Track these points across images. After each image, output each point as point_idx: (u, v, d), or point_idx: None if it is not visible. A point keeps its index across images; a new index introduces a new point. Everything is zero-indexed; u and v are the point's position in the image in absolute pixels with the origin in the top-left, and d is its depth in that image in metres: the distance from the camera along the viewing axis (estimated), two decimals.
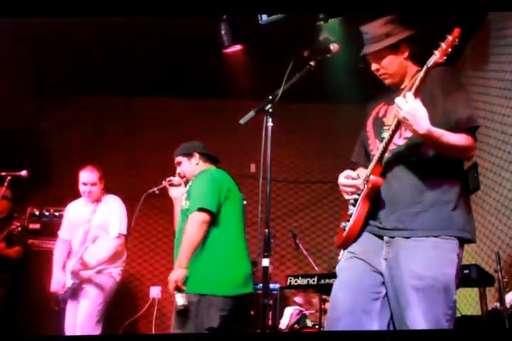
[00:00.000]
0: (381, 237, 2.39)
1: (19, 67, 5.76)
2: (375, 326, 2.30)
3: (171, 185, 3.96)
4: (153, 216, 7.01)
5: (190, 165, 3.85)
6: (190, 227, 3.36)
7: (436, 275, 2.22)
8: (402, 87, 2.53)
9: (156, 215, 6.99)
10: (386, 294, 2.34)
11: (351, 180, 2.49)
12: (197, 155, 3.87)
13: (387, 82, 2.57)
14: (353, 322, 2.29)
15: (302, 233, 6.78)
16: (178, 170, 3.94)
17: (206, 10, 3.82)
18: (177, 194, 3.94)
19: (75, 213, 4.69)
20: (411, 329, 2.18)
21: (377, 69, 2.54)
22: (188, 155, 3.86)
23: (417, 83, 2.18)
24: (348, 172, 2.52)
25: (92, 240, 4.32)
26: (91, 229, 4.43)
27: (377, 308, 2.33)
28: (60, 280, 4.45)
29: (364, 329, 2.28)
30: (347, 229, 2.48)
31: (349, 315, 2.31)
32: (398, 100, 2.19)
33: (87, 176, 4.57)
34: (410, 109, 2.14)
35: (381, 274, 2.35)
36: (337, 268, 2.52)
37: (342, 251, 2.55)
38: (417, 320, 2.18)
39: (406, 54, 2.52)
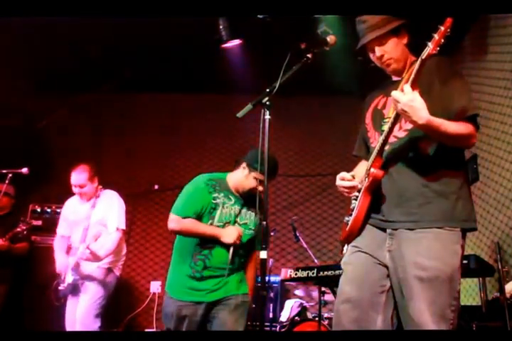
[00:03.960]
0: (384, 229, 2.39)
1: (19, 66, 5.76)
2: (380, 319, 2.32)
3: None
4: (154, 211, 7.03)
5: None
6: None
7: (441, 266, 2.22)
8: (400, 78, 2.52)
9: (156, 211, 7.00)
10: (391, 287, 2.35)
11: (347, 181, 2.49)
12: None
13: (391, 68, 2.54)
14: (360, 316, 2.31)
15: (302, 226, 6.80)
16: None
17: (204, 10, 3.82)
18: None
19: (72, 210, 4.68)
20: (414, 319, 2.19)
21: (382, 56, 2.50)
22: None
23: (412, 76, 2.17)
24: (342, 174, 2.52)
25: (94, 238, 4.31)
26: (91, 225, 4.43)
27: (382, 301, 2.34)
28: (63, 262, 4.45)
29: (370, 324, 2.30)
30: (349, 223, 2.49)
31: (355, 309, 2.32)
32: (395, 93, 2.19)
33: (74, 178, 4.54)
34: (407, 101, 2.14)
35: (386, 267, 2.36)
36: (342, 262, 2.52)
37: (346, 245, 2.56)
38: (422, 310, 2.18)
39: (406, 39, 2.53)
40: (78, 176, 4.53)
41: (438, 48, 2.11)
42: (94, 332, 4.15)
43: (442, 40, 2.11)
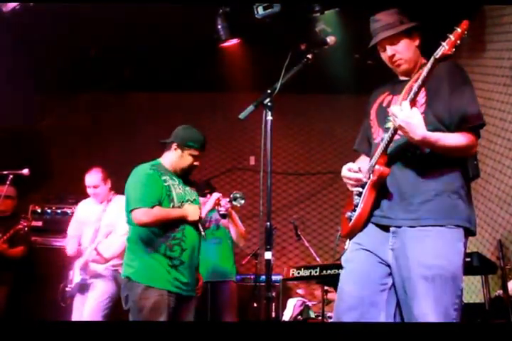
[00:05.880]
0: (387, 228, 2.39)
1: (18, 66, 5.75)
2: (382, 317, 2.31)
3: None
4: None
5: None
6: None
7: (444, 265, 2.23)
8: (408, 78, 2.52)
9: None
10: (393, 285, 2.35)
11: (353, 172, 2.49)
12: None
13: (401, 68, 2.55)
14: (361, 315, 2.30)
15: (303, 224, 6.79)
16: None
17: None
18: None
19: (85, 211, 4.72)
20: (418, 319, 2.19)
21: (393, 55, 2.51)
22: None
23: (424, 74, 2.18)
24: (349, 165, 2.53)
25: (105, 235, 4.35)
26: (101, 227, 4.46)
27: (383, 300, 2.34)
28: (74, 247, 4.52)
29: (371, 321, 2.29)
30: (353, 218, 2.48)
31: (356, 308, 2.32)
32: (394, 108, 2.24)
33: (89, 179, 4.62)
34: (405, 118, 2.19)
35: (388, 265, 2.36)
36: (343, 258, 2.52)
37: (348, 240, 2.56)
38: (425, 309, 2.19)
39: (418, 41, 2.54)
40: (92, 177, 4.61)
41: (453, 49, 2.12)
42: (96, 322, 4.13)
43: (458, 42, 2.12)
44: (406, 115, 2.18)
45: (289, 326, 2.89)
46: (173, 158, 3.57)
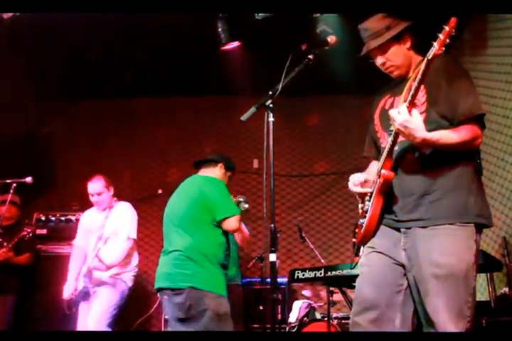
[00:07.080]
0: (398, 229, 2.41)
1: (19, 73, 5.76)
2: (398, 318, 2.33)
3: None
4: (158, 216, 6.99)
5: None
6: None
7: (456, 263, 2.24)
8: (407, 77, 2.53)
9: (161, 216, 6.96)
10: (408, 286, 2.37)
11: (359, 187, 2.51)
12: None
13: (394, 74, 2.57)
14: (378, 316, 2.32)
15: (307, 226, 6.77)
16: None
17: (202, 6, 3.81)
18: None
19: (89, 221, 4.76)
20: (432, 317, 2.20)
21: (384, 63, 2.54)
22: None
23: (419, 76, 2.19)
24: (353, 179, 2.54)
25: (104, 241, 4.36)
26: (104, 234, 4.48)
27: (400, 301, 2.36)
28: (71, 288, 4.49)
29: (388, 324, 2.32)
30: (364, 225, 2.50)
31: (373, 309, 2.34)
32: (392, 112, 2.25)
33: (91, 187, 4.69)
34: (403, 121, 2.20)
35: (402, 266, 2.38)
36: (359, 263, 2.54)
37: (362, 247, 2.57)
38: (438, 308, 2.20)
39: (409, 44, 2.54)
40: (95, 185, 4.68)
41: (443, 48, 2.13)
42: (102, 332, 4.14)
43: (447, 40, 2.13)
44: (404, 119, 2.19)
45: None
46: (218, 174, 3.95)
